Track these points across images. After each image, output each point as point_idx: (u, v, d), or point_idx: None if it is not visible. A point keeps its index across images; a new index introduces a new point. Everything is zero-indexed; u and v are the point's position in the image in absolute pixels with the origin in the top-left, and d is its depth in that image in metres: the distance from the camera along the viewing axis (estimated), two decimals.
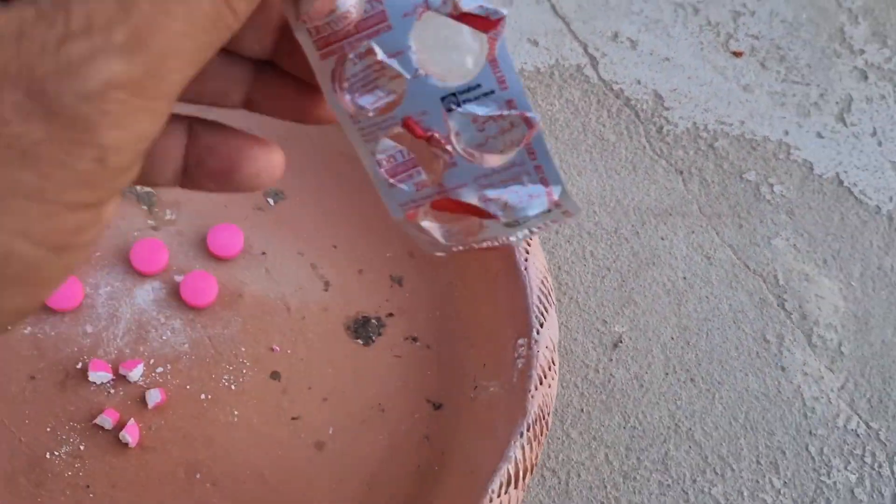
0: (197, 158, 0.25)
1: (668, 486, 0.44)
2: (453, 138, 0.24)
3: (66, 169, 0.17)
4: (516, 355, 0.41)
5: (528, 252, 0.41)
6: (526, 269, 0.41)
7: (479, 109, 0.24)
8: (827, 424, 0.46)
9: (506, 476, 0.38)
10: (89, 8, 0.17)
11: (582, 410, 0.46)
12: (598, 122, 0.52)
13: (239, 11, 0.19)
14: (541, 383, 0.40)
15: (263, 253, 0.45)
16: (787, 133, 0.54)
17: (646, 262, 0.49)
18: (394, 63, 0.24)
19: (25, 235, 0.17)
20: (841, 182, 0.53)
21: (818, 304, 0.49)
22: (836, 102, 0.56)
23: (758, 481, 0.45)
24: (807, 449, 0.46)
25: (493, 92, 0.24)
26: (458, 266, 0.45)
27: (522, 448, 0.38)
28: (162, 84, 0.18)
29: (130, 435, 0.39)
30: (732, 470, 0.45)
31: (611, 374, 0.46)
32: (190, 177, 0.25)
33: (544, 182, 0.24)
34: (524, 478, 0.38)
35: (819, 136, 0.55)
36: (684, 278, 0.49)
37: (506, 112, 0.24)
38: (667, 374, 0.47)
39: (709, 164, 0.52)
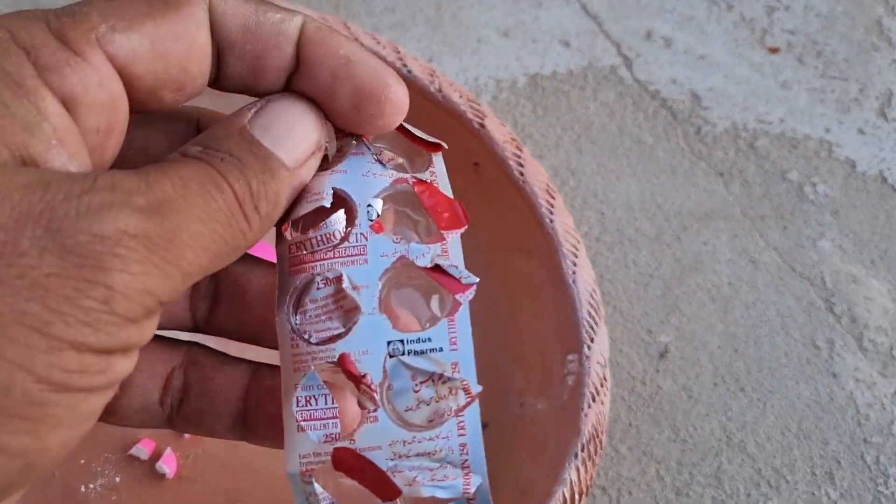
0: (256, 401, 0.25)
1: (723, 501, 0.43)
2: (385, 389, 0.23)
3: (73, 305, 0.18)
4: (566, 372, 0.39)
5: (575, 263, 0.40)
6: (574, 281, 0.39)
7: (422, 364, 0.23)
8: (882, 432, 0.45)
9: (561, 499, 0.36)
10: (115, 178, 0.19)
11: (630, 424, 0.44)
12: (635, 124, 0.50)
13: (251, 218, 0.21)
14: (593, 401, 0.38)
15: None
16: (827, 130, 0.53)
17: (689, 268, 0.47)
18: (355, 295, 0.23)
19: (27, 367, 0.17)
20: (885, 179, 0.52)
21: (867, 307, 0.48)
22: (876, 97, 0.54)
23: (813, 493, 0.43)
24: (862, 458, 0.44)
25: (441, 350, 0.23)
26: (499, 276, 0.44)
27: (577, 469, 0.37)
28: (176, 251, 0.19)
29: (168, 465, 0.38)
30: (787, 482, 0.43)
31: (658, 386, 0.45)
32: (248, 425, 0.25)
33: (465, 466, 0.23)
34: (579, 500, 0.37)
35: (860, 132, 0.53)
36: (730, 284, 0.47)
37: (448, 374, 0.22)
38: (716, 384, 0.45)
39: (750, 165, 0.50)
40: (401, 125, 0.26)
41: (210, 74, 0.23)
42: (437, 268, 0.24)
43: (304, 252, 0.24)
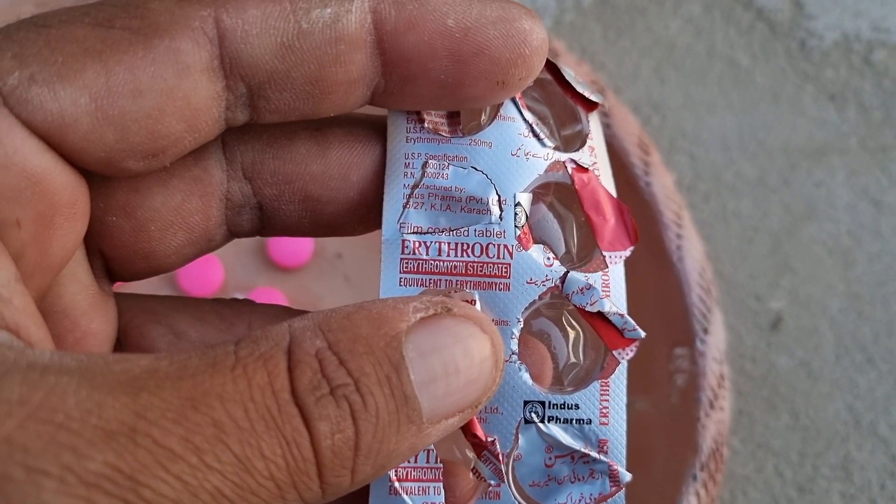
0: None
1: (853, 496, 0.37)
2: (513, 461, 0.19)
3: None
4: (673, 368, 0.33)
5: (679, 235, 0.33)
6: (680, 258, 0.32)
7: (563, 436, 0.19)
8: None
9: None
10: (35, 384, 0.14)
11: (741, 412, 0.37)
12: (726, 42, 0.42)
13: (331, 483, 0.15)
14: (711, 408, 0.31)
15: (339, 255, 0.36)
16: None
17: (801, 217, 0.40)
18: None
19: None
20: None
21: None
22: None
23: None
24: None
25: (589, 422, 0.19)
26: None
27: (697, 494, 0.31)
28: None
29: None
30: None
31: (771, 363, 0.38)
32: None
33: None
34: None
35: None
36: (850, 233, 0.40)
37: (593, 454, 0.19)
38: (839, 356, 0.38)
39: (866, 85, 0.42)
40: (556, 69, 0.20)
41: (224, 122, 0.16)
42: (598, 315, 0.19)
43: (425, 256, 0.19)
